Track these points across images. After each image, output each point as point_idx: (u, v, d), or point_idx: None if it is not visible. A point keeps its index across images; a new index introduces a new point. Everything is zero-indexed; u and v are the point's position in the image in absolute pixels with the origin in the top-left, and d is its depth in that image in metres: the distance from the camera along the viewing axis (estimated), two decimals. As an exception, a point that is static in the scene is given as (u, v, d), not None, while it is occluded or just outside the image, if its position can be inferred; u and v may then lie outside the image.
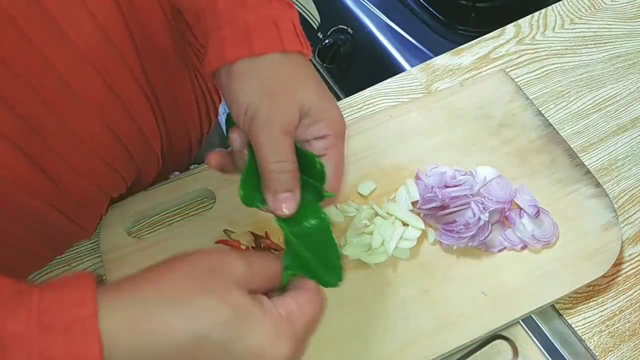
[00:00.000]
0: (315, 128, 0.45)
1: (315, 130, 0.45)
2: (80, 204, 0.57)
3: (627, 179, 0.70)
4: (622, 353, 0.60)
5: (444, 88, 0.74)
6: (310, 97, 0.44)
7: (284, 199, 0.43)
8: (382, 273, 0.61)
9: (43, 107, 0.46)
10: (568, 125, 0.74)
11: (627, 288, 0.63)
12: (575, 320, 0.61)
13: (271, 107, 0.43)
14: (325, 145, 0.45)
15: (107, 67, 0.50)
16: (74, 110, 0.49)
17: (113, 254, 0.61)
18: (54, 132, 0.48)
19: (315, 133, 0.45)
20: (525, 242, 0.62)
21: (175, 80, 0.62)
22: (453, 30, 1.03)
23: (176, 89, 0.62)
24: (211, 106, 0.73)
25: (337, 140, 0.46)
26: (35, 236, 0.56)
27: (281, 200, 0.43)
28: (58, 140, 0.49)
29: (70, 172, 0.52)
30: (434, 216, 0.63)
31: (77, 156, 0.52)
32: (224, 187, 0.65)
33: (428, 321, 0.58)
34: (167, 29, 0.57)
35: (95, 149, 0.53)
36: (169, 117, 0.63)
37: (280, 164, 0.43)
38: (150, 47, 0.55)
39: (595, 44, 0.80)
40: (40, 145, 0.48)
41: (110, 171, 0.57)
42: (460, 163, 0.66)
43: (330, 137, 0.45)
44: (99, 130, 0.52)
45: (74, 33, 0.45)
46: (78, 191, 0.55)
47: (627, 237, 0.66)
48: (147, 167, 0.64)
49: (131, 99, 0.54)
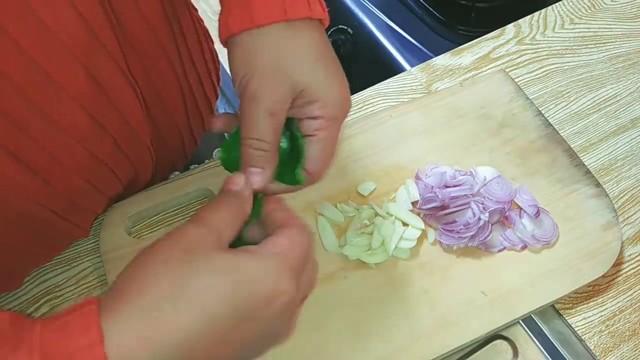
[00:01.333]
0: (309, 109, 0.44)
1: (308, 110, 0.44)
2: (72, 202, 0.56)
3: (627, 179, 0.70)
4: (622, 353, 0.60)
5: (444, 88, 0.74)
6: (305, 76, 0.43)
7: (253, 173, 0.44)
8: (382, 273, 0.61)
9: (26, 102, 0.45)
10: (568, 125, 0.74)
11: (627, 288, 0.63)
12: (575, 320, 0.61)
13: (260, 85, 0.42)
14: (316, 126, 0.45)
15: (90, 58, 0.48)
16: (59, 104, 0.48)
17: (113, 254, 0.61)
18: (38, 127, 0.47)
19: (308, 113, 0.44)
20: (525, 242, 0.62)
21: (157, 72, 0.60)
22: (453, 30, 1.03)
23: (157, 82, 0.60)
24: (203, 102, 0.72)
25: (329, 123, 0.45)
26: (28, 235, 0.55)
27: (251, 174, 0.44)
28: (43, 135, 0.48)
29: (59, 169, 0.51)
30: (434, 216, 0.63)
31: (65, 151, 0.51)
32: (224, 187, 0.65)
33: (428, 321, 0.58)
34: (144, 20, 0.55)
35: (82, 143, 0.52)
36: (153, 110, 0.62)
37: (257, 142, 0.43)
38: (129, 37, 0.54)
39: (595, 44, 0.80)
40: (25, 141, 0.47)
41: (100, 166, 0.56)
42: (460, 163, 0.66)
43: (322, 120, 0.44)
44: (86, 123, 0.51)
45: (54, 24, 0.44)
46: (69, 188, 0.54)
47: (627, 237, 0.66)
48: (140, 163, 0.62)
49: (116, 91, 0.53)
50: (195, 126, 0.72)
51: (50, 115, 0.47)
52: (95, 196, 0.59)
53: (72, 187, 0.54)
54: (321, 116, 0.44)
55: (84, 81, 0.49)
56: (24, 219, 0.52)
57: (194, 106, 0.70)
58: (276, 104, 0.43)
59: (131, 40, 0.54)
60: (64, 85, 0.47)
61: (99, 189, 0.58)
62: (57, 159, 0.50)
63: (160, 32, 0.58)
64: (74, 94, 0.48)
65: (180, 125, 0.69)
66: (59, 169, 0.51)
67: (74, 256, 0.63)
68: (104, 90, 0.51)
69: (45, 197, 0.52)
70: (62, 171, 0.52)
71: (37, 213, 0.52)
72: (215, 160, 0.69)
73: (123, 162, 0.59)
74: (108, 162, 0.57)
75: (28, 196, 0.50)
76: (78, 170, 0.54)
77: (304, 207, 0.64)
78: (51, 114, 0.47)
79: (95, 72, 0.49)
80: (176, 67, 0.63)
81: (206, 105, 0.73)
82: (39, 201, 0.52)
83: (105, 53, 0.50)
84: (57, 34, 0.44)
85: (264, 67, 0.43)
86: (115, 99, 0.53)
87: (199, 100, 0.70)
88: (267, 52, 0.43)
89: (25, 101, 0.45)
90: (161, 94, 0.62)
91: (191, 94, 0.68)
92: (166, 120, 0.65)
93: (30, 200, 0.51)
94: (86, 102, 0.50)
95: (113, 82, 0.52)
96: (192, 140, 0.73)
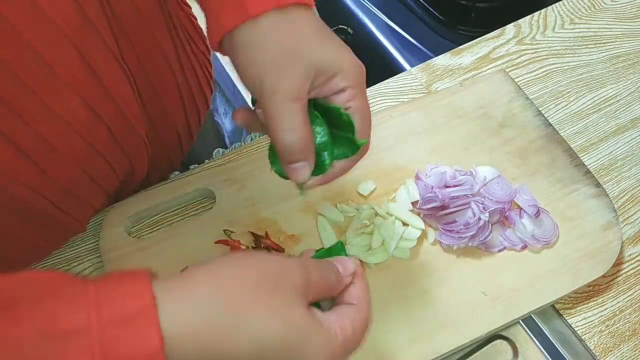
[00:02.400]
0: (332, 83, 0.43)
1: (333, 85, 0.43)
2: (68, 192, 0.56)
3: (627, 179, 0.70)
4: (622, 353, 0.60)
5: (444, 88, 0.74)
6: (317, 53, 0.43)
7: (297, 169, 0.43)
8: (382, 273, 0.61)
9: (21, 87, 0.45)
10: (568, 125, 0.74)
11: (627, 288, 0.63)
12: (575, 320, 0.61)
13: (276, 76, 0.41)
14: (346, 98, 0.44)
15: (85, 44, 0.48)
16: (53, 89, 0.47)
17: (113, 254, 0.61)
18: (34, 112, 0.47)
19: (334, 88, 0.44)
20: (525, 242, 0.62)
21: (152, 64, 0.60)
22: (453, 30, 1.03)
23: (151, 73, 0.60)
24: (199, 96, 0.71)
25: (356, 90, 0.44)
26: (23, 223, 0.55)
27: (293, 170, 0.43)
28: (39, 121, 0.48)
29: (54, 156, 0.51)
30: (434, 216, 0.63)
31: (60, 138, 0.51)
32: (223, 187, 0.65)
33: (428, 321, 0.58)
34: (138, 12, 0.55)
35: (78, 131, 0.52)
36: (148, 102, 0.61)
37: (290, 133, 0.42)
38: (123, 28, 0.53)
39: (595, 44, 0.80)
40: (20, 126, 0.47)
41: (96, 156, 0.56)
42: (460, 163, 0.66)
43: (349, 90, 0.44)
44: (81, 110, 0.51)
45: (49, 7, 0.44)
46: (64, 177, 0.54)
47: (627, 237, 0.66)
48: (136, 156, 0.62)
49: (111, 80, 0.53)
50: (192, 121, 0.72)
51: (44, 100, 0.47)
52: (91, 187, 0.59)
53: (68, 176, 0.54)
54: (347, 86, 0.44)
55: (78, 67, 0.49)
56: (18, 205, 0.52)
57: (190, 100, 0.69)
58: (296, 88, 0.42)
59: (126, 31, 0.54)
60: (58, 69, 0.47)
61: (95, 179, 0.58)
62: (52, 146, 0.50)
63: (154, 24, 0.58)
64: (68, 79, 0.48)
65: (177, 119, 0.69)
66: (54, 156, 0.51)
67: (74, 256, 0.64)
68: (98, 78, 0.51)
69: (41, 184, 0.52)
70: (58, 158, 0.52)
71: (31, 200, 0.52)
72: (215, 160, 0.69)
73: (119, 154, 0.59)
74: (104, 153, 0.56)
75: (22, 182, 0.50)
76: (73, 159, 0.54)
77: (304, 207, 0.64)
78: (45, 99, 0.47)
79: (90, 58, 0.49)
80: (171, 60, 0.62)
81: (202, 100, 0.73)
82: (34, 188, 0.52)
83: (99, 40, 0.50)
84: (51, 17, 0.44)
85: (274, 60, 0.42)
86: (110, 88, 0.53)
87: (195, 94, 0.70)
88: (270, 43, 0.42)
89: (19, 84, 0.45)
90: (156, 86, 0.62)
91: (188, 87, 0.68)
92: (161, 114, 0.65)
93: (25, 187, 0.51)
94: (81, 89, 0.50)
95: (108, 70, 0.52)
96: (188, 135, 0.73)
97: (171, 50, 0.62)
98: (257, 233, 0.62)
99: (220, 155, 0.70)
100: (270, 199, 0.64)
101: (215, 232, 0.62)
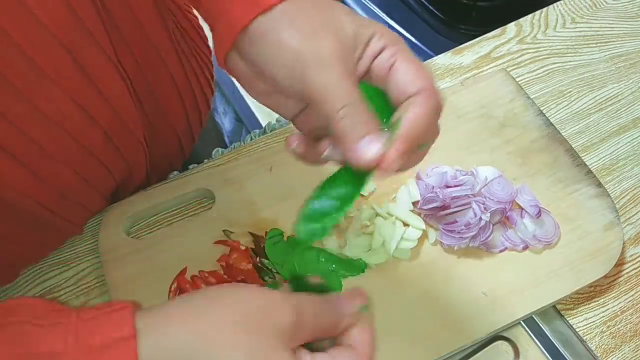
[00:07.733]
0: (370, 48, 0.40)
1: (370, 50, 0.40)
2: (62, 196, 0.55)
3: (629, 179, 0.70)
4: (624, 354, 0.60)
5: (444, 87, 0.74)
6: (346, 23, 0.39)
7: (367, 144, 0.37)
8: (383, 274, 0.60)
9: (9, 88, 0.44)
10: (569, 124, 0.73)
11: (628, 288, 0.63)
12: (576, 321, 0.61)
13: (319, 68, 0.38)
14: (387, 56, 0.40)
15: (75, 44, 0.47)
16: (43, 91, 0.46)
17: (112, 254, 0.61)
18: (22, 114, 0.46)
19: (371, 53, 0.40)
20: (526, 243, 0.62)
21: (149, 66, 0.59)
22: (454, 29, 1.03)
23: (148, 73, 0.59)
24: (201, 97, 0.70)
25: (397, 47, 0.40)
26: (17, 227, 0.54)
27: (362, 148, 0.37)
28: (30, 125, 0.47)
29: (47, 160, 0.50)
30: (434, 216, 0.62)
31: (53, 142, 0.49)
32: (223, 187, 0.65)
33: (429, 322, 0.58)
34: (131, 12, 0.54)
35: (71, 134, 0.51)
36: (146, 105, 0.61)
37: (349, 107, 0.37)
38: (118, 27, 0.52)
39: (596, 44, 0.80)
40: (11, 131, 0.46)
41: (90, 159, 0.55)
42: (461, 163, 0.66)
43: (389, 47, 0.40)
44: (74, 113, 0.50)
45: (37, 7, 0.43)
46: (59, 181, 0.53)
47: (629, 237, 0.66)
48: (133, 159, 0.61)
49: (105, 82, 0.52)
50: (193, 122, 0.71)
51: (35, 104, 0.46)
52: (86, 191, 0.58)
53: (62, 180, 0.53)
54: (386, 44, 0.40)
55: (70, 69, 0.48)
56: (11, 209, 0.51)
57: (191, 101, 0.69)
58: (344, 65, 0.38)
59: (122, 33, 0.53)
60: (49, 71, 0.46)
61: (90, 183, 0.57)
62: (45, 150, 0.49)
63: (151, 25, 0.57)
64: (59, 81, 0.47)
65: (177, 122, 0.68)
66: (47, 161, 0.50)
67: (73, 256, 0.63)
68: (92, 80, 0.50)
69: (34, 189, 0.51)
70: (51, 163, 0.51)
71: (25, 206, 0.51)
72: (215, 160, 0.69)
73: (115, 157, 0.58)
74: (100, 156, 0.56)
75: (15, 187, 0.49)
76: (67, 163, 0.53)
77: (304, 207, 0.64)
78: (36, 102, 0.46)
79: (82, 60, 0.48)
80: (170, 61, 0.62)
81: (204, 100, 0.72)
82: (27, 194, 0.51)
83: (92, 42, 0.49)
84: (39, 18, 0.43)
85: (308, 50, 0.38)
86: (105, 91, 0.52)
87: (197, 95, 0.69)
88: (295, 35, 0.39)
89: (9, 88, 0.44)
90: (154, 88, 0.61)
91: (188, 88, 0.67)
92: (160, 116, 0.64)
93: (17, 193, 0.50)
94: (73, 91, 0.49)
95: (102, 73, 0.51)
96: (189, 137, 0.72)
97: (170, 51, 0.62)
98: (256, 233, 0.62)
99: (220, 155, 0.70)
100: (270, 199, 0.64)
101: (215, 232, 0.62)
